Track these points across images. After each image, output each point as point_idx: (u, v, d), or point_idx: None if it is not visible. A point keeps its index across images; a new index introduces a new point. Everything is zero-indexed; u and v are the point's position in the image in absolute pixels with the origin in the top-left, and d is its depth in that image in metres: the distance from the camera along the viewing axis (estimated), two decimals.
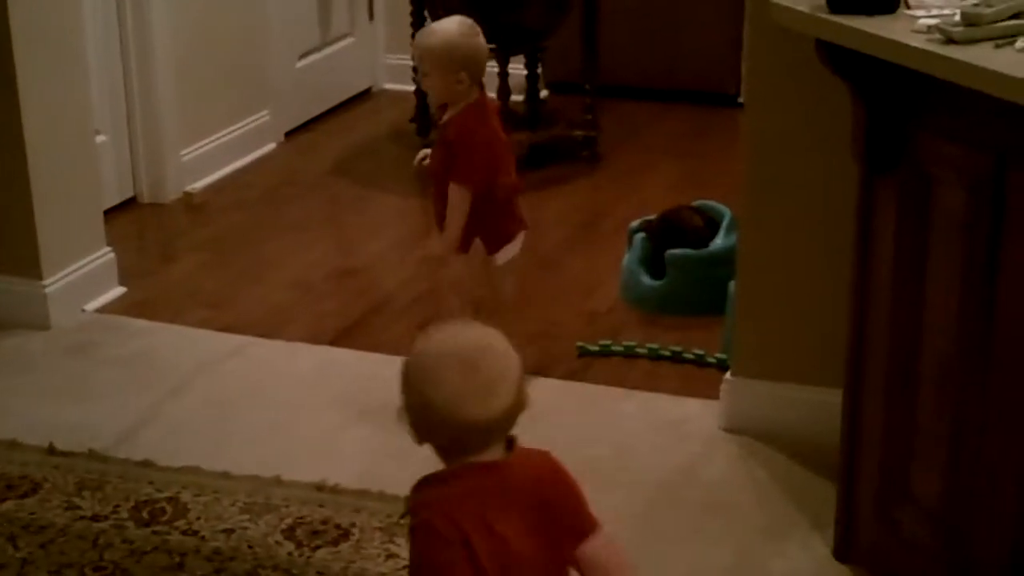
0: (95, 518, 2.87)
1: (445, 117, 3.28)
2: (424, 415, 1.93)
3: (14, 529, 2.84)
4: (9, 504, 2.93)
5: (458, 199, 3.24)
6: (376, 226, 4.30)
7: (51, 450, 3.11)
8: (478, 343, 1.94)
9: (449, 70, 3.19)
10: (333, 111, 5.52)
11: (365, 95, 5.65)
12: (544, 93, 5.36)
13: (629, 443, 3.18)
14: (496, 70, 5.07)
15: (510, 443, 2.00)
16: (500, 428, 1.97)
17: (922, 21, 2.26)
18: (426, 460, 2.92)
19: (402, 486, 2.91)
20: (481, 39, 3.24)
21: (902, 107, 2.38)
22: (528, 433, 3.16)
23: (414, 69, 3.34)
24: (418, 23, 5.06)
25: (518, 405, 1.96)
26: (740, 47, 5.39)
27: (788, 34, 2.55)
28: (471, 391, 1.89)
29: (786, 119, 2.98)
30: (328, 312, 3.86)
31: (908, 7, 2.35)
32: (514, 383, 1.94)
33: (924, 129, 2.35)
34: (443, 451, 1.98)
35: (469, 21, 3.26)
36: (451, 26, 3.24)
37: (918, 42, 2.21)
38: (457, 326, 2.08)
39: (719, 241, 3.80)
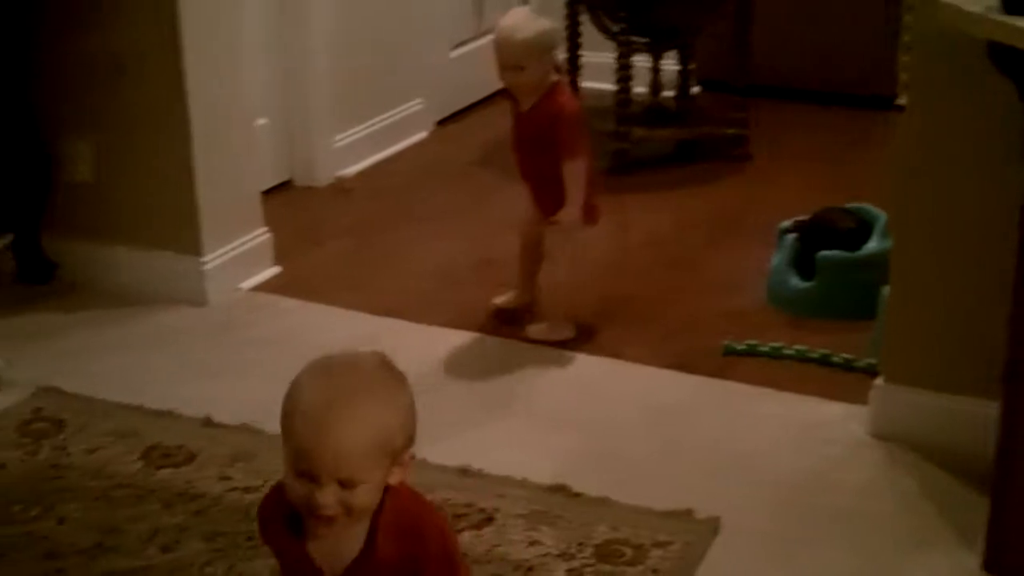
0: (247, 489, 2.95)
1: (528, 104, 3.42)
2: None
3: (170, 496, 2.93)
4: (166, 472, 3.03)
5: (578, 172, 3.43)
6: (518, 218, 4.33)
7: (207, 421, 3.20)
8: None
9: (545, 58, 3.36)
10: (484, 102, 5.58)
11: None
12: (695, 89, 5.36)
13: (770, 444, 3.17)
14: (648, 65, 5.10)
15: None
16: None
17: None
18: (570, 453, 2.98)
19: (544, 476, 2.99)
20: None
21: None
22: (672, 429, 3.23)
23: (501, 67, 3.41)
24: (573, 20, 5.10)
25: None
26: (896, 47, 5.36)
27: (953, 35, 2.52)
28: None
29: (947, 122, 2.95)
30: (470, 299, 3.91)
31: None
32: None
33: None
34: None
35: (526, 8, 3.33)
36: (531, 17, 3.43)
37: None
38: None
39: (872, 244, 3.76)
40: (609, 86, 4.86)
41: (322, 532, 1.91)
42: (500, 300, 3.79)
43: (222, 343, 3.66)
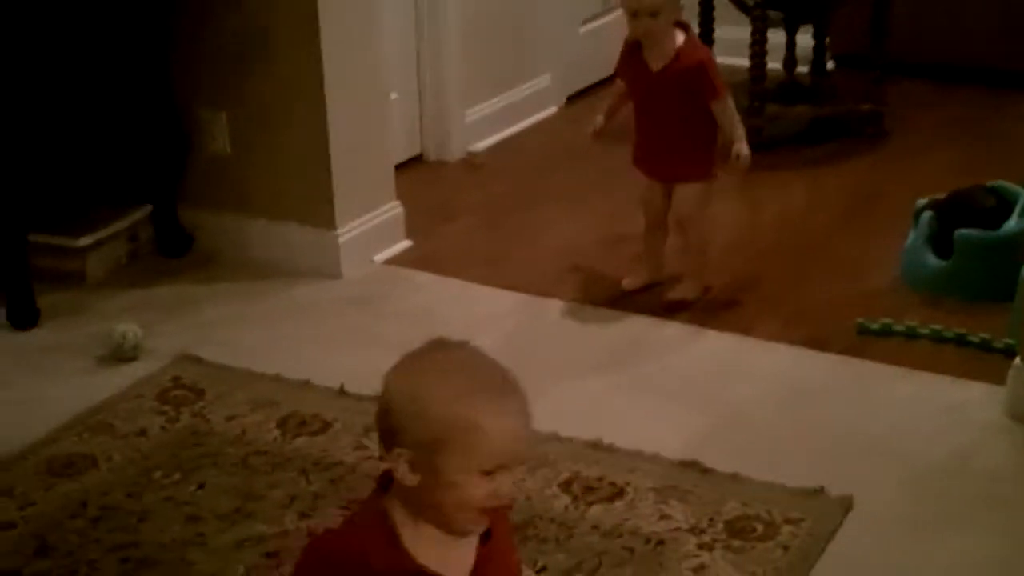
0: (382, 459, 3.00)
1: (658, 59, 3.52)
2: (414, 416, 1.78)
3: (306, 464, 3.01)
4: (302, 440, 3.11)
5: (732, 108, 3.56)
6: (640, 196, 4.35)
7: (341, 391, 3.27)
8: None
9: (676, 4, 3.49)
10: (612, 78, 5.57)
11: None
12: (830, 65, 5.31)
13: (905, 424, 3.16)
14: (783, 40, 5.07)
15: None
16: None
17: None
18: (701, 429, 2.99)
19: (674, 451, 3.01)
20: None
21: None
22: (804, 407, 3.23)
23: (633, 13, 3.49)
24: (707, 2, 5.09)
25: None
26: None
27: None
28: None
29: None
30: (601, 275, 3.93)
31: None
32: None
33: None
34: None
35: None
36: None
37: None
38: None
39: (1012, 223, 3.71)
40: (743, 61, 4.83)
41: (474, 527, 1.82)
42: (628, 283, 3.82)
43: (356, 315, 3.72)
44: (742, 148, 3.58)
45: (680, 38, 3.54)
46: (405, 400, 1.77)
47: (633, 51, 3.61)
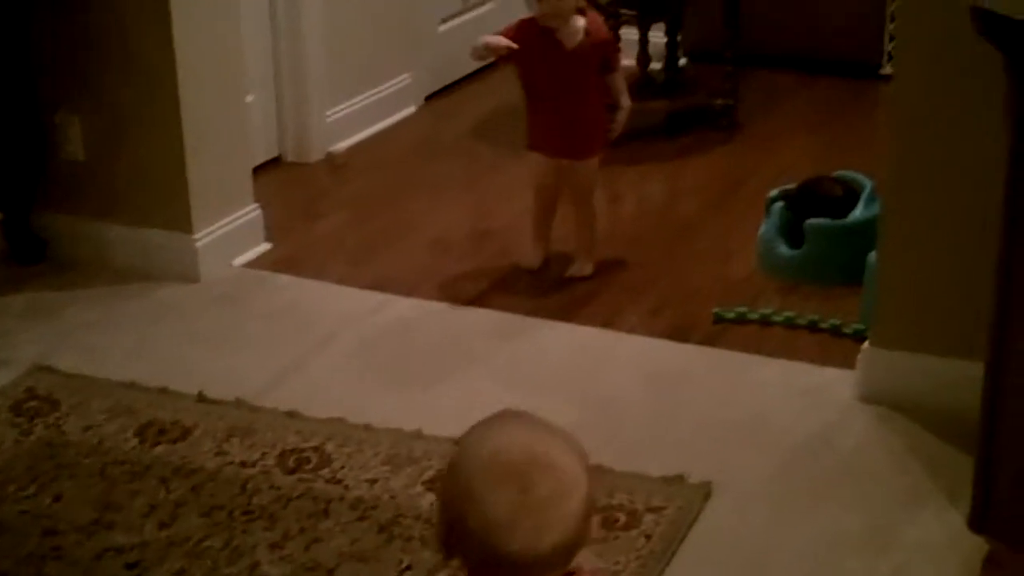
0: (243, 464, 2.97)
1: (563, 32, 3.62)
2: (458, 533, 1.60)
3: (166, 472, 2.95)
4: (161, 448, 3.04)
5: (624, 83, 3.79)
6: (512, 189, 4.35)
7: (201, 397, 3.21)
8: (538, 455, 1.61)
9: None
10: (473, 76, 5.57)
11: (506, 60, 5.67)
12: (683, 61, 5.35)
13: (765, 409, 3.20)
14: (636, 37, 5.10)
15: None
16: (549, 566, 1.59)
17: None
18: (565, 421, 2.98)
19: None
20: None
21: None
22: (665, 397, 3.24)
23: None
24: None
25: (577, 541, 1.60)
26: (883, 17, 5.37)
27: (937, 2, 2.53)
28: (517, 519, 1.56)
29: (935, 88, 2.96)
30: (466, 272, 3.92)
31: None
32: (574, 513, 1.58)
33: None
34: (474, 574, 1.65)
35: None
36: None
37: None
38: (520, 425, 1.69)
39: (859, 211, 3.78)
40: None
41: None
42: (526, 263, 3.90)
43: (215, 319, 3.66)
44: (622, 116, 3.81)
45: (580, 17, 3.66)
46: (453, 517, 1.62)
47: (541, 33, 3.65)
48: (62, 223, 3.97)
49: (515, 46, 3.61)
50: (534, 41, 3.67)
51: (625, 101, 3.82)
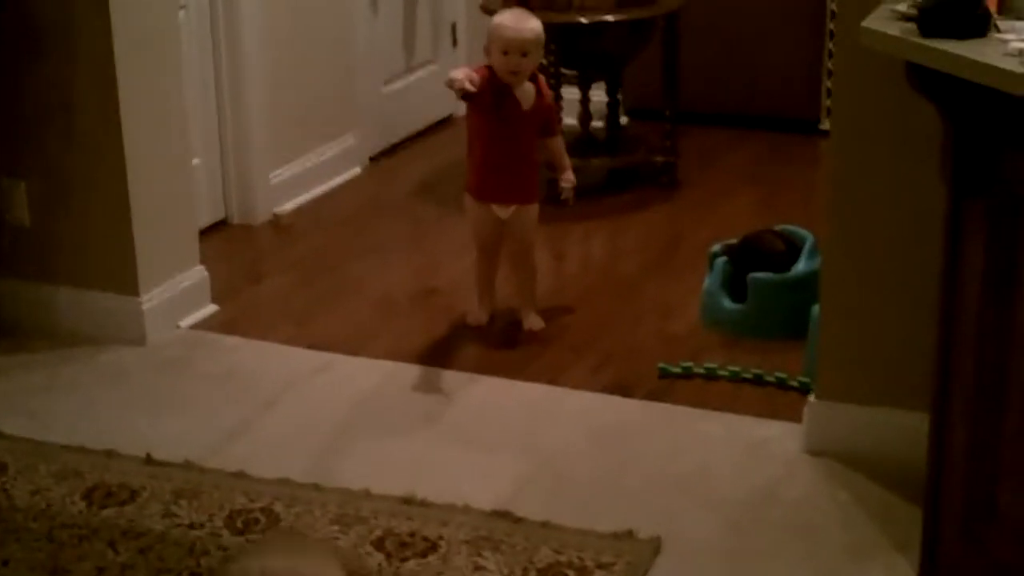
0: (191, 526, 2.92)
1: (520, 91, 3.73)
2: None
3: (114, 535, 2.89)
4: (109, 511, 2.99)
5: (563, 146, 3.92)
6: (457, 247, 4.34)
7: (148, 460, 3.16)
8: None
9: (541, 50, 3.75)
10: (416, 137, 5.58)
11: (447, 121, 5.70)
12: (624, 119, 5.38)
13: (712, 463, 3.18)
14: (577, 96, 5.12)
15: None
16: None
17: (1013, 44, 2.26)
18: (512, 478, 2.97)
19: (487, 502, 2.98)
20: None
21: (992, 129, 2.38)
22: (612, 452, 3.23)
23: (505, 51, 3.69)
24: None
25: None
26: (820, 73, 5.43)
27: (875, 57, 2.56)
28: None
29: (872, 142, 2.99)
30: (411, 330, 3.90)
31: (999, 31, 2.36)
32: None
33: (1015, 151, 2.35)
34: None
35: None
36: (529, 13, 3.79)
37: (1010, 65, 2.21)
38: (290, 547, 1.84)
39: (801, 265, 3.80)
40: None
41: None
42: (473, 319, 3.92)
43: (162, 382, 3.62)
44: (571, 176, 3.93)
45: (530, 83, 3.77)
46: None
47: (502, 89, 3.72)
48: (7, 287, 3.92)
49: (474, 89, 3.64)
50: (499, 96, 3.72)
51: (567, 163, 3.93)
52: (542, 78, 3.86)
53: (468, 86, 3.60)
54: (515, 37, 3.67)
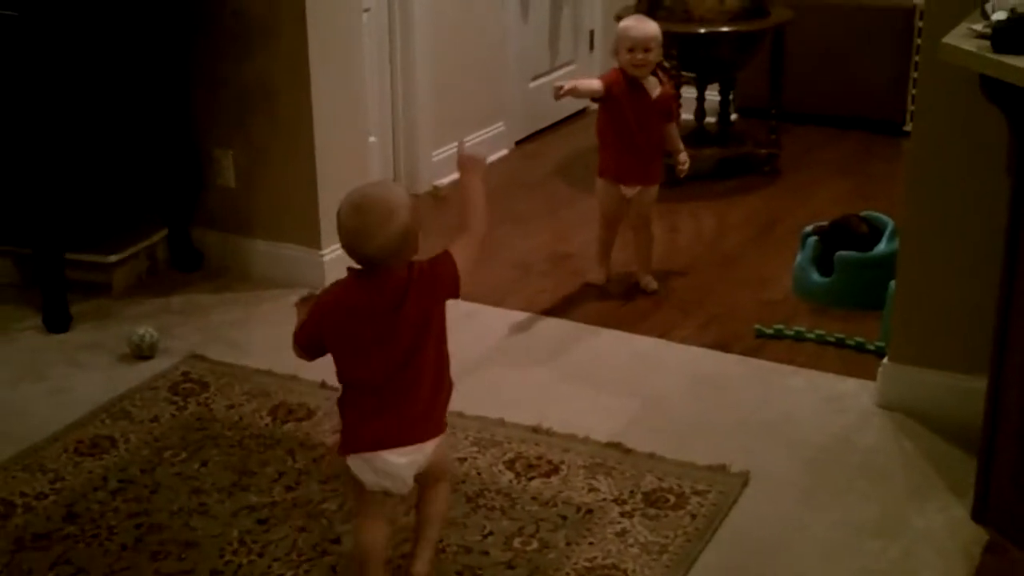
0: None
1: (647, 82, 3.71)
2: (341, 243, 2.18)
3: (292, 445, 2.97)
4: (289, 425, 3.07)
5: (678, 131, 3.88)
6: (586, 219, 4.34)
7: (323, 384, 3.22)
8: (371, 195, 2.16)
9: (660, 47, 3.73)
10: (555, 126, 5.58)
11: (581, 114, 5.69)
12: (734, 116, 5.32)
13: (796, 412, 3.16)
14: (695, 95, 5.07)
15: (410, 264, 2.20)
16: (379, 258, 2.15)
17: None
18: (625, 416, 2.96)
19: (602, 434, 2.99)
20: None
21: None
22: (711, 398, 3.22)
23: (630, 49, 3.69)
24: None
25: (400, 247, 2.15)
26: (906, 82, 5.30)
27: (953, 69, 2.50)
28: (355, 231, 2.13)
29: (948, 143, 2.92)
30: (544, 288, 3.92)
31: None
32: (393, 230, 2.13)
33: None
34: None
35: None
36: (649, 19, 3.78)
37: None
38: (376, 184, 2.30)
39: (882, 246, 3.72)
40: None
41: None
42: (594, 278, 3.94)
43: None
44: (686, 157, 3.88)
45: (653, 76, 3.76)
46: None
47: (632, 82, 3.71)
48: (215, 238, 4.02)
49: (601, 91, 3.68)
50: (630, 88, 3.71)
51: (681, 146, 3.88)
52: (662, 72, 3.85)
53: (592, 88, 3.67)
54: (639, 36, 3.67)
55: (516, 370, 3.38)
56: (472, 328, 3.63)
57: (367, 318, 2.16)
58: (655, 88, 3.74)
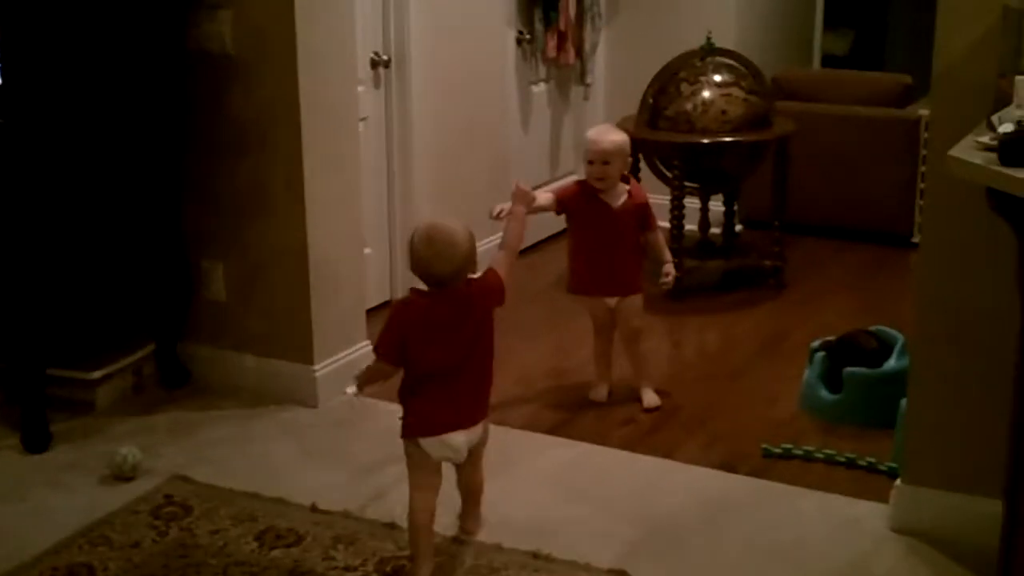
0: (347, 568, 2.92)
1: (616, 199, 3.73)
2: (413, 270, 2.80)
3: (281, 574, 2.90)
4: (277, 552, 3.00)
5: (661, 237, 3.86)
6: (587, 332, 4.31)
7: (313, 508, 3.18)
8: (438, 227, 2.77)
9: (625, 157, 3.73)
10: (555, 236, 5.58)
11: (559, 213, 5.68)
12: (739, 227, 5.34)
13: (806, 536, 3.10)
14: (698, 206, 5.09)
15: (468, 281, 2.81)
16: (448, 279, 2.77)
17: None
18: (629, 541, 2.91)
19: (605, 561, 2.93)
20: None
21: None
22: (717, 521, 3.16)
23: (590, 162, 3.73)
24: (634, 166, 5.10)
25: (463, 267, 2.77)
26: (913, 193, 5.33)
27: (960, 181, 2.50)
28: (426, 256, 2.75)
29: (957, 254, 2.91)
30: (546, 404, 3.89)
31: None
32: (457, 255, 2.75)
33: None
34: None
35: None
36: (614, 127, 3.85)
37: None
38: (440, 219, 2.83)
39: (892, 362, 3.70)
40: (664, 224, 4.84)
41: None
42: (595, 395, 3.92)
43: (329, 439, 3.65)
44: (671, 268, 3.83)
45: (623, 184, 3.76)
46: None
47: (591, 194, 3.73)
48: (203, 352, 4.00)
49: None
50: (587, 200, 3.74)
51: (667, 257, 3.84)
52: (634, 180, 3.85)
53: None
54: (595, 149, 3.67)
55: (515, 491, 3.33)
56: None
57: (442, 324, 2.78)
58: (620, 198, 3.73)
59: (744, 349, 4.39)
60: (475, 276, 2.84)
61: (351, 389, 2.85)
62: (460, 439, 2.86)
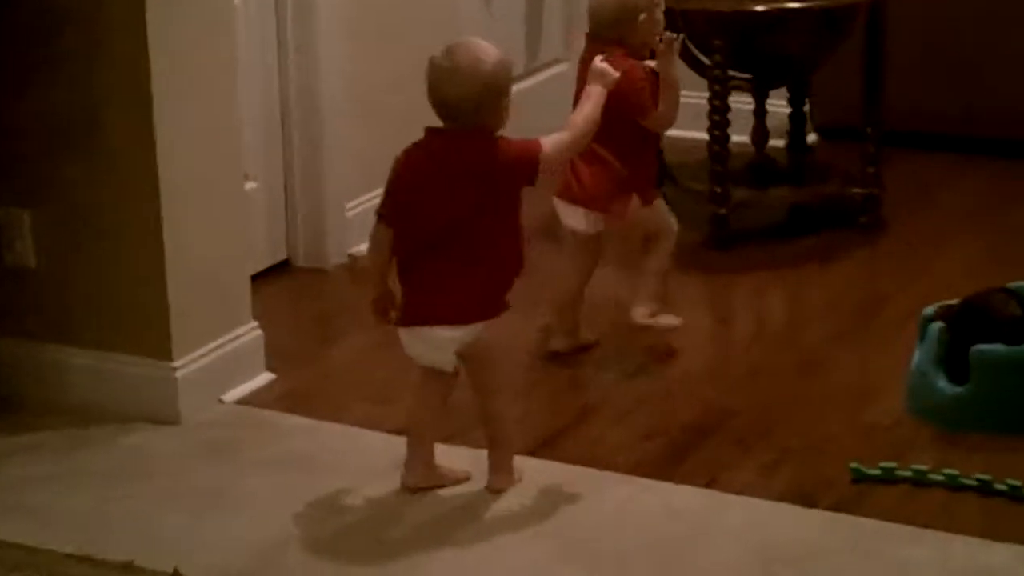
0: None
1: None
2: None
3: None
4: None
5: None
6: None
7: (176, 574, 3.16)
8: (464, 44, 3.23)
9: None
10: None
11: None
12: (812, 139, 5.36)
13: None
14: (751, 107, 5.09)
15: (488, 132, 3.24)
16: (458, 112, 3.20)
17: None
18: None
19: None
20: None
21: None
22: None
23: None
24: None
25: (480, 103, 3.18)
26: None
27: None
28: (440, 75, 3.21)
29: None
30: (540, 408, 3.98)
31: None
32: (475, 81, 3.17)
33: None
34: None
35: None
36: None
37: None
38: (468, 38, 3.32)
39: None
40: (700, 134, 4.85)
41: None
42: (557, 345, 4.23)
43: (199, 473, 3.66)
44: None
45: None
46: None
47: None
48: (7, 347, 4.00)
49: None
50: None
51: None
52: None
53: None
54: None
55: (480, 543, 3.35)
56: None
57: (434, 173, 3.24)
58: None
59: (824, 323, 4.44)
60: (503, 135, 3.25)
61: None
62: (443, 335, 3.35)
